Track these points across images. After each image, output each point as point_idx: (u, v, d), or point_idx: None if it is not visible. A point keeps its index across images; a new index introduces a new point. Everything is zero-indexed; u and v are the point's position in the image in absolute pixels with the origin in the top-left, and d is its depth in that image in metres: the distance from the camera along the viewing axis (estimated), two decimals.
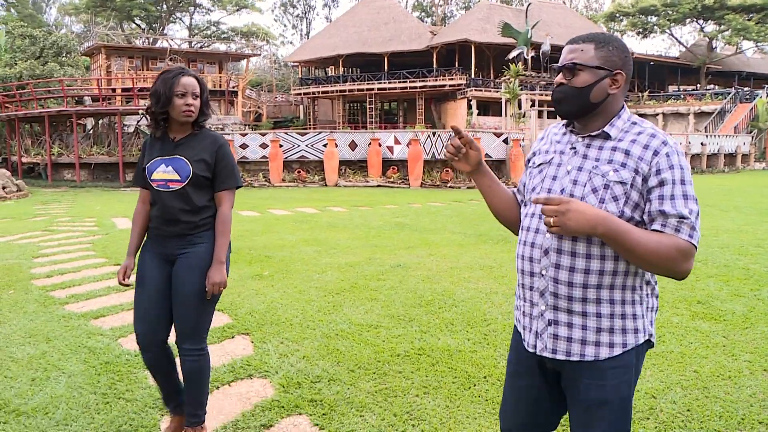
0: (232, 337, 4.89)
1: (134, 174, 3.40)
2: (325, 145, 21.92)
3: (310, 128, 40.93)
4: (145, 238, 3.24)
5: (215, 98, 40.99)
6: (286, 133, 22.91)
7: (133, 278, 3.18)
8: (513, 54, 27.72)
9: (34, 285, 6.71)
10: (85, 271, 7.37)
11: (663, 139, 1.84)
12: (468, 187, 20.52)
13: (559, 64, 1.96)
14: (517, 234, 2.18)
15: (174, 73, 3.04)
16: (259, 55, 54.20)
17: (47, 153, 23.23)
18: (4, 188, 19.55)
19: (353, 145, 22.32)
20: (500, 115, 37.18)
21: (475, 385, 3.91)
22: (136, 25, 54.30)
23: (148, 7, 50.23)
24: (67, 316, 5.44)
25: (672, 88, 50.87)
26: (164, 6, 52.55)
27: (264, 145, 22.38)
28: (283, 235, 10.25)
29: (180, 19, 57.79)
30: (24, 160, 24.32)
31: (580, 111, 1.93)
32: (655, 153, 1.81)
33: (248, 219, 12.63)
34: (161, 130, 3.12)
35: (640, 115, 40.97)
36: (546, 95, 30.68)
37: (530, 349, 1.99)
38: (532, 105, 27.55)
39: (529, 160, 2.16)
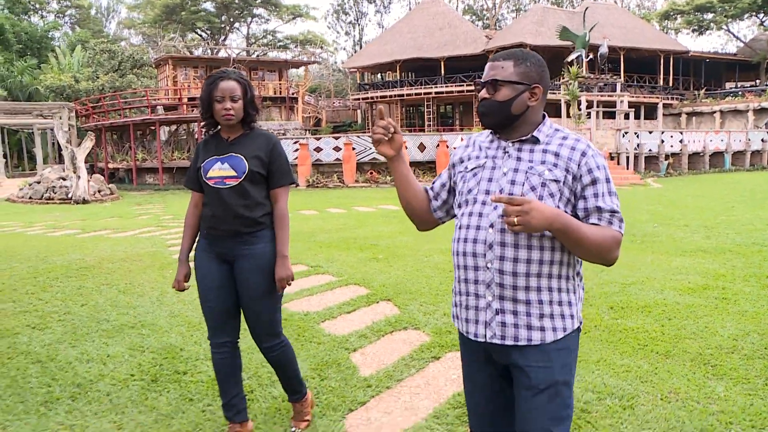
0: (377, 302, 6.00)
1: (186, 177, 3.44)
2: None
3: (368, 132, 42.10)
4: (196, 241, 3.35)
5: (276, 104, 42.50)
6: (358, 137, 24.22)
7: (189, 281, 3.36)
8: (572, 57, 28.43)
9: None
10: None
11: (587, 143, 2.05)
12: None
13: (482, 80, 2.11)
14: (417, 225, 2.41)
15: (214, 79, 3.13)
16: (319, 62, 55.71)
17: (132, 159, 24.90)
18: (99, 191, 21.22)
19: (422, 147, 23.51)
20: (556, 117, 37.90)
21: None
22: (198, 36, 56.39)
23: (212, 19, 52.26)
24: None
25: (729, 85, 50.49)
26: (225, 17, 54.42)
27: (337, 148, 23.71)
28: (378, 227, 11.40)
29: (238, 29, 59.70)
30: (110, 166, 26.09)
31: (504, 122, 2.09)
32: (583, 154, 2.01)
33: (337, 215, 13.85)
34: (214, 132, 3.26)
35: (697, 114, 41.12)
36: (604, 96, 31.29)
37: (480, 339, 2.09)
38: (590, 106, 28.23)
39: (454, 165, 2.29)
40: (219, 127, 3.22)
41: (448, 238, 2.32)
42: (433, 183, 2.35)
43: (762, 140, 33.04)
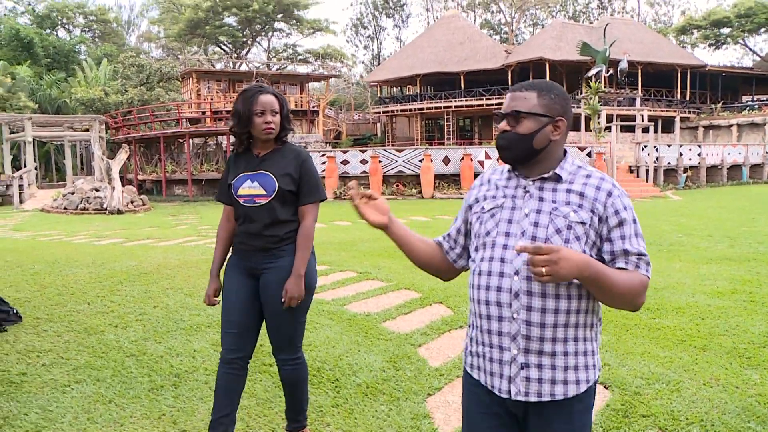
0: (431, 305, 6.50)
1: (218, 190, 3.41)
2: (421, 161, 23.76)
3: (388, 145, 42.68)
4: (228, 254, 3.39)
5: (297, 118, 43.20)
6: (384, 150, 24.88)
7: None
8: (592, 72, 28.90)
9: None
10: None
11: (612, 182, 1.95)
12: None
13: (502, 111, 2.00)
14: (441, 277, 2.32)
15: (252, 92, 3.11)
16: (340, 76, 56.48)
17: (162, 170, 25.60)
18: (132, 202, 21.90)
19: (447, 160, 24.10)
20: (575, 130, 38.32)
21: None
22: (221, 49, 57.36)
23: (235, 33, 53.24)
24: None
25: (746, 99, 50.71)
26: (248, 31, 55.35)
27: (364, 161, 24.33)
28: None
29: (259, 43, 60.61)
30: (139, 177, 26.79)
31: (525, 157, 1.98)
32: (609, 194, 1.91)
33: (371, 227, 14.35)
34: (244, 146, 3.23)
35: (714, 127, 41.37)
36: (623, 110, 31.73)
37: (503, 395, 1.97)
38: (609, 120, 28.67)
39: (470, 206, 2.15)
40: (250, 141, 3.23)
41: None
42: (450, 230, 2.25)
43: None
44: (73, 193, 22.16)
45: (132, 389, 4.33)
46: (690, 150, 30.03)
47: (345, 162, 24.76)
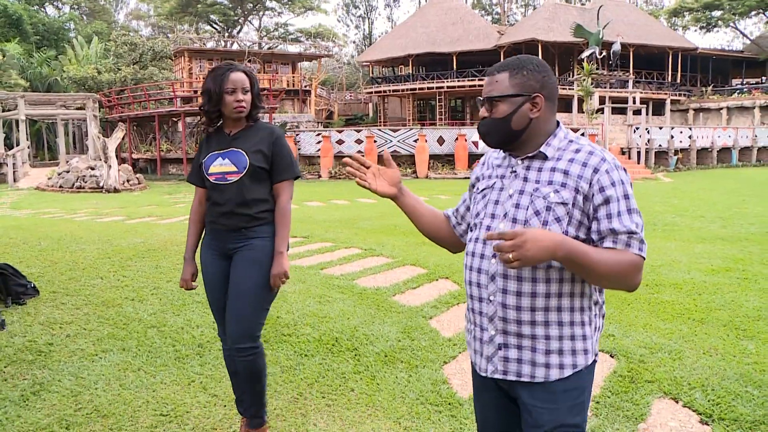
0: (437, 280, 6.72)
1: (190, 171, 3.37)
2: (416, 141, 23.96)
3: (380, 125, 42.78)
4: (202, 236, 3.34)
5: (289, 97, 43.20)
6: (379, 130, 25.05)
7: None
8: (586, 54, 29.11)
9: None
10: None
11: (602, 156, 1.85)
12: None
13: (480, 98, 1.99)
14: (450, 250, 2.30)
15: (223, 70, 3.08)
16: (332, 56, 56.35)
17: (157, 149, 25.66)
18: (128, 181, 21.97)
19: (441, 141, 24.33)
20: (567, 111, 38.51)
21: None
22: (213, 28, 57.04)
23: (227, 12, 52.95)
24: (300, 268, 7.36)
25: (736, 82, 51.10)
26: (239, 9, 55.06)
27: (359, 141, 24.49)
28: None
29: (250, 21, 60.30)
30: (134, 156, 26.84)
31: (506, 141, 1.94)
32: (595, 170, 1.83)
33: (370, 204, 14.60)
34: (215, 126, 3.20)
35: (704, 110, 41.69)
36: (616, 92, 31.99)
37: (482, 373, 1.99)
38: (601, 102, 28.91)
39: (473, 186, 2.15)
40: (220, 122, 3.20)
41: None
42: (458, 205, 2.25)
43: None
44: (68, 172, 22.20)
45: (158, 358, 4.52)
46: (681, 133, 30.38)
47: (340, 142, 24.95)
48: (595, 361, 1.97)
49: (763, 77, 49.54)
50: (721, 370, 4.07)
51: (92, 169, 21.87)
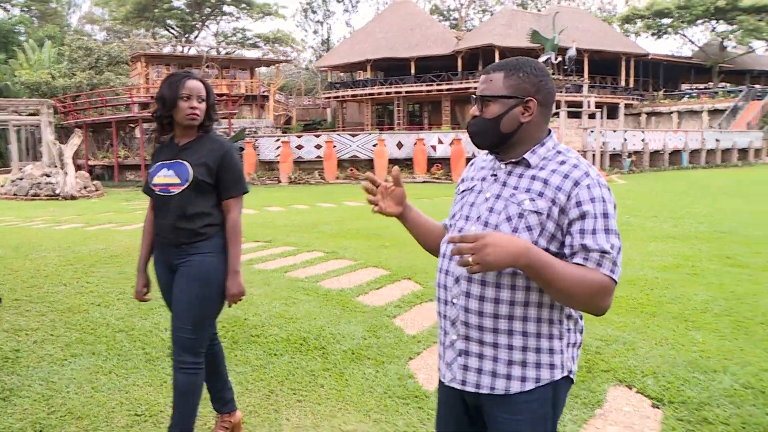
0: (400, 281, 6.88)
1: (144, 183, 3.25)
2: (375, 145, 24.15)
3: (338, 130, 42.89)
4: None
5: (247, 103, 43.05)
6: (338, 135, 25.18)
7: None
8: (542, 59, 29.60)
9: None
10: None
11: (585, 170, 1.78)
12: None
13: (474, 95, 1.93)
14: None
15: (180, 77, 3.02)
16: (290, 61, 56.29)
17: (114, 156, 25.37)
18: (85, 188, 21.68)
19: (400, 145, 24.56)
20: None
21: None
22: (170, 33, 56.51)
23: (184, 17, 52.53)
24: (265, 271, 7.45)
25: (685, 87, 52.66)
26: (197, 14, 54.66)
27: (318, 146, 24.59)
28: (374, 220, 12.22)
29: (207, 26, 59.93)
30: (90, 163, 26.49)
31: (494, 142, 1.88)
32: (576, 184, 1.75)
33: (330, 209, 14.70)
34: (168, 135, 3.12)
35: (656, 114, 42.78)
36: (572, 97, 32.63)
37: (443, 379, 1.95)
38: (558, 106, 29.49)
39: (457, 186, 2.10)
40: (171, 128, 3.11)
41: None
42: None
43: (716, 140, 34.84)
44: (21, 179, 21.80)
45: (129, 361, 4.58)
46: (634, 136, 31.20)
47: (299, 147, 25.03)
48: (568, 379, 1.88)
49: (710, 83, 51.24)
50: (671, 358, 4.31)
51: (47, 176, 21.52)
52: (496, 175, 1.90)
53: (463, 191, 2.00)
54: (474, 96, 1.92)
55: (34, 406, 3.83)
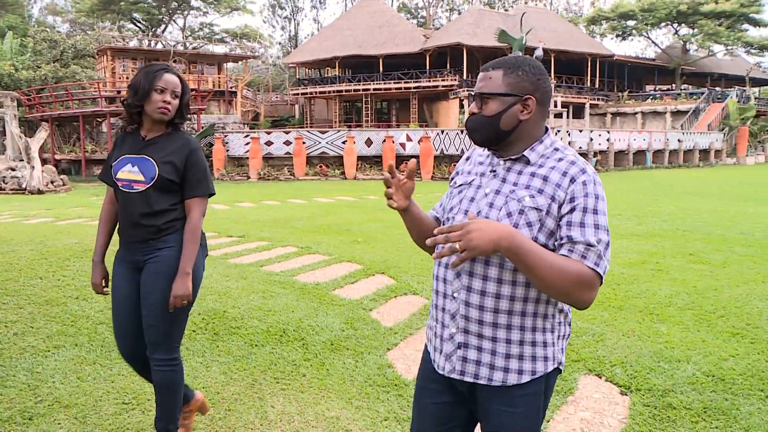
0: (374, 275, 7.02)
1: (102, 169, 3.16)
2: (344, 142, 24.28)
3: (306, 127, 42.88)
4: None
5: (215, 98, 42.78)
6: (308, 131, 25.23)
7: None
8: None
9: None
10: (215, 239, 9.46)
11: (582, 167, 1.83)
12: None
13: (472, 93, 1.95)
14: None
15: (158, 68, 2.95)
16: (258, 57, 56.01)
17: (81, 150, 25.08)
18: (52, 182, 21.43)
19: (369, 142, 24.73)
20: None
21: None
22: (136, 26, 55.84)
23: (151, 10, 51.95)
24: (240, 265, 7.54)
25: (649, 88, 53.76)
26: (164, 8, 54.09)
27: (287, 142, 24.62)
28: (345, 216, 12.42)
29: (174, 21, 59.33)
30: (56, 157, 26.15)
31: (493, 139, 1.91)
32: (572, 180, 1.80)
33: (301, 205, 14.80)
34: (134, 125, 3.03)
35: (621, 114, 43.54)
36: None
37: (439, 371, 1.98)
38: None
39: (452, 179, 2.12)
40: (139, 120, 3.03)
41: None
42: (440, 206, 2.18)
43: (678, 140, 35.64)
44: None
45: (112, 352, 4.62)
46: (600, 135, 31.77)
47: (269, 143, 25.04)
48: (558, 370, 1.95)
49: (673, 84, 52.38)
50: (637, 349, 4.53)
51: (12, 170, 21.22)
52: (495, 171, 1.93)
53: (460, 185, 2.02)
54: (472, 93, 1.95)
55: (20, 396, 3.89)
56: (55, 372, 4.26)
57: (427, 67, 41.99)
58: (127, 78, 39.25)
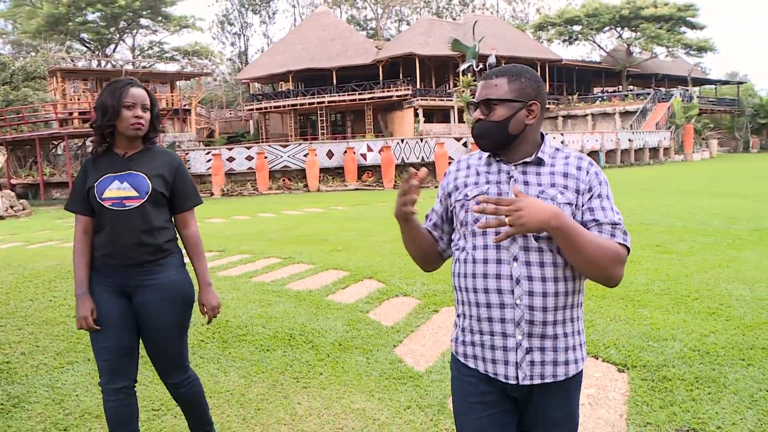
0: (362, 280, 7.27)
1: (69, 198, 2.98)
2: (306, 155, 24.49)
3: (261, 142, 42.88)
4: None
5: (169, 117, 42.43)
6: (269, 146, 25.41)
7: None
8: (463, 66, 30.56)
9: None
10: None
11: (589, 160, 1.98)
12: (435, 187, 23.28)
13: (475, 100, 2.00)
14: (424, 267, 2.24)
15: (123, 84, 2.84)
16: (210, 74, 55.77)
17: (39, 174, 24.75)
18: (12, 207, 21.14)
19: (330, 154, 24.99)
20: (445, 122, 40.23)
21: None
22: (85, 46, 55.10)
23: (100, 30, 51.35)
24: (230, 277, 7.72)
25: (597, 90, 55.27)
26: (113, 28, 53.53)
27: (249, 158, 24.74)
28: (317, 227, 12.64)
29: (124, 40, 58.74)
30: (12, 182, 25.75)
31: (501, 144, 1.96)
32: (587, 172, 1.94)
33: (271, 219, 14.97)
34: (105, 146, 2.92)
35: (572, 117, 44.64)
36: None
37: (511, 381, 1.96)
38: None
39: (450, 194, 2.12)
40: (111, 140, 2.92)
41: (384, 233, 2.30)
42: (434, 219, 2.21)
43: (629, 140, 36.76)
44: None
45: None
46: (554, 138, 32.50)
47: (231, 159, 25.16)
48: None
49: (619, 86, 53.98)
50: (626, 331, 4.90)
51: None
52: (512, 176, 1.98)
53: (476, 196, 1.99)
54: (474, 101, 2.04)
55: (48, 410, 4.03)
56: (76, 386, 4.39)
57: (381, 78, 42.45)
58: (78, 99, 38.81)
